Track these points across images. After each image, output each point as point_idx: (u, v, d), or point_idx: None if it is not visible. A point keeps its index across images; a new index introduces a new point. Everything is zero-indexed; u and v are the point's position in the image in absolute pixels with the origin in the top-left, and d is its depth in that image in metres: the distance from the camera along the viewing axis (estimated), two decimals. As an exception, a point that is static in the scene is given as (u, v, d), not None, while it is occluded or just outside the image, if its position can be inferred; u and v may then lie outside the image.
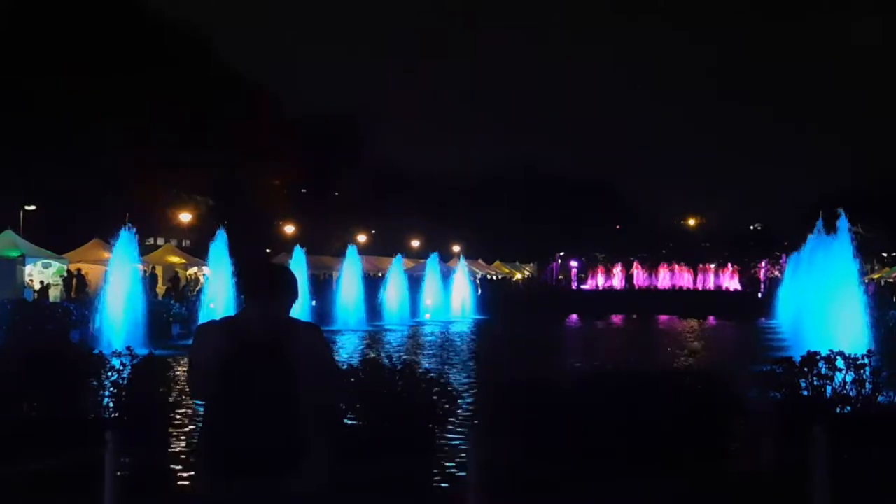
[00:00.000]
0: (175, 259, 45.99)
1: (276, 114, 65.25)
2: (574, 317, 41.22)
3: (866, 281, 32.74)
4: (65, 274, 37.61)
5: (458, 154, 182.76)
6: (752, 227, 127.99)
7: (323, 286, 38.51)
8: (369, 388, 8.68)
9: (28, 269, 37.06)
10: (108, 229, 28.01)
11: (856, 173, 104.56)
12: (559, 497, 7.45)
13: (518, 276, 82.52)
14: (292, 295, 4.13)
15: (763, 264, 57.73)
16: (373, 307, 34.65)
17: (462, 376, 16.74)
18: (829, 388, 8.75)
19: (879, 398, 8.83)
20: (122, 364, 9.42)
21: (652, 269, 59.05)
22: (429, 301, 40.35)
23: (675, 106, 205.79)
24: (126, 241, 23.11)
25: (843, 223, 19.12)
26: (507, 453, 7.69)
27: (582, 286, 58.28)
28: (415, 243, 77.54)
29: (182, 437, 10.12)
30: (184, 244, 58.10)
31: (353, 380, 8.79)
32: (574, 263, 62.13)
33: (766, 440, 8.55)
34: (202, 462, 3.92)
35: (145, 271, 40.48)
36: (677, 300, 48.32)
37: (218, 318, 4.24)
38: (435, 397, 8.80)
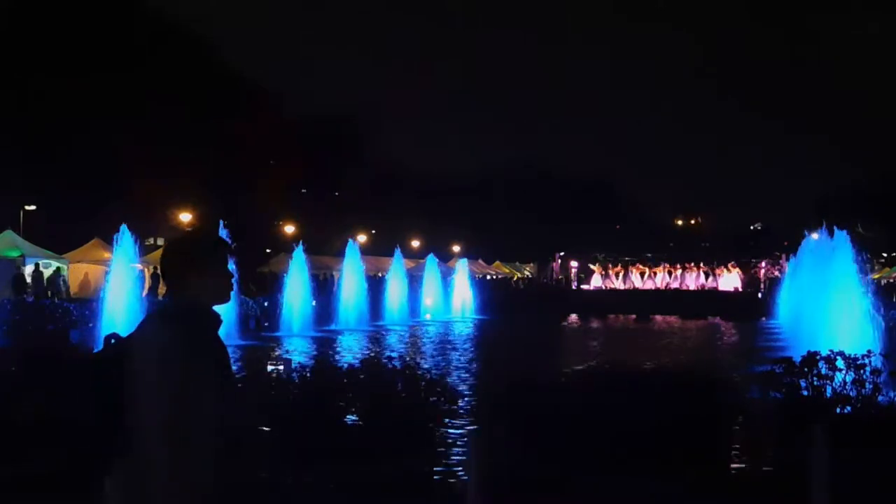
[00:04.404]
0: (175, 259, 45.92)
1: (277, 114, 65.26)
2: (574, 317, 41.19)
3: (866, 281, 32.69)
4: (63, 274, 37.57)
5: (458, 154, 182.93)
6: (752, 227, 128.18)
7: (323, 286, 38.48)
8: (369, 388, 8.67)
9: (28, 269, 37.06)
10: (108, 229, 27.97)
11: (856, 173, 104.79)
12: (559, 497, 7.45)
13: (518, 276, 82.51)
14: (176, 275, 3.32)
15: (763, 264, 57.59)
16: (373, 307, 34.61)
17: (462, 376, 16.74)
18: (829, 388, 8.74)
19: (879, 398, 8.81)
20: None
21: (652, 269, 58.87)
22: (429, 301, 40.30)
23: (675, 106, 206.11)
24: (126, 240, 23.04)
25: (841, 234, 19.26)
26: (507, 453, 7.68)
27: (582, 286, 58.14)
28: (415, 243, 77.48)
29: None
30: (184, 244, 57.97)
31: (352, 380, 8.80)
32: (574, 263, 61.97)
33: (766, 440, 8.55)
34: None
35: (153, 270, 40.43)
36: (677, 300, 48.20)
37: None
38: (435, 397, 8.79)
